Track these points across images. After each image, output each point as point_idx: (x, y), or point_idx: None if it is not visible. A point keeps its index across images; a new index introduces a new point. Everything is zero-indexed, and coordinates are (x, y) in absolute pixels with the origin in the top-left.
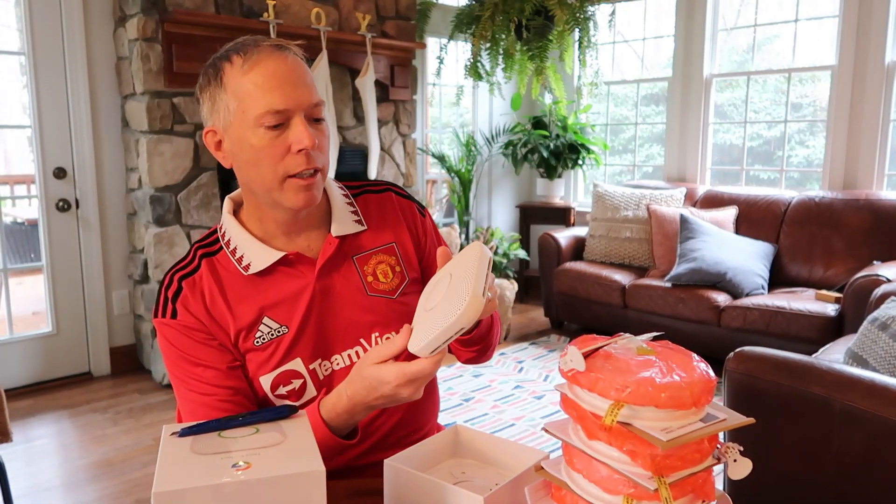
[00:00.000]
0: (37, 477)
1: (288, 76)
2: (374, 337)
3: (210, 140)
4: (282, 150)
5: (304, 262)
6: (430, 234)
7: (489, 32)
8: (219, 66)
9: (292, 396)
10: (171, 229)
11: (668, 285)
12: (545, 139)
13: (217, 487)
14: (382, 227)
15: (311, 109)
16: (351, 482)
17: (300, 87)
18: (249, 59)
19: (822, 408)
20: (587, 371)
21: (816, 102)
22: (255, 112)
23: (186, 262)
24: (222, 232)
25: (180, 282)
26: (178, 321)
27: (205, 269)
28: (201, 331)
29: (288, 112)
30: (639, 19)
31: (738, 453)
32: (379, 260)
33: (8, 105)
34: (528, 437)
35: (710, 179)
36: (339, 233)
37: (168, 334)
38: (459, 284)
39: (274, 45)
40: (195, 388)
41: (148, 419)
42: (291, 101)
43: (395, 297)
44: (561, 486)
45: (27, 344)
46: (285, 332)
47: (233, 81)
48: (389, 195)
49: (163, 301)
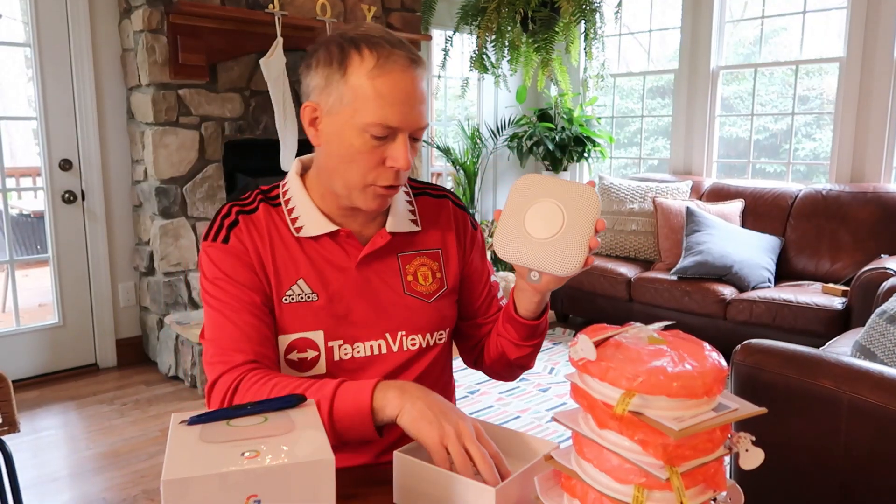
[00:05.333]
0: (44, 468)
1: (410, 96)
2: (400, 336)
3: (307, 114)
4: (377, 160)
5: (351, 243)
6: (478, 248)
7: (495, 24)
8: (347, 53)
9: (302, 365)
10: (177, 221)
11: (673, 278)
12: (550, 132)
13: (226, 476)
14: (433, 231)
15: (416, 131)
16: (360, 472)
17: (416, 108)
18: (383, 65)
19: (829, 401)
20: (598, 360)
21: (824, 95)
22: (368, 119)
23: (248, 202)
24: (285, 189)
25: (238, 215)
26: (230, 246)
27: (262, 213)
28: (250, 258)
29: (397, 130)
30: (645, 11)
31: (749, 443)
32: (422, 262)
33: (14, 97)
34: (534, 430)
35: (717, 172)
36: (394, 229)
37: (215, 256)
38: (573, 237)
39: (409, 57)
40: (231, 307)
41: (154, 410)
42: (404, 122)
43: (430, 302)
44: (571, 475)
45: (34, 335)
46: (315, 299)
47: (357, 78)
48: (447, 202)
49: (217, 227)
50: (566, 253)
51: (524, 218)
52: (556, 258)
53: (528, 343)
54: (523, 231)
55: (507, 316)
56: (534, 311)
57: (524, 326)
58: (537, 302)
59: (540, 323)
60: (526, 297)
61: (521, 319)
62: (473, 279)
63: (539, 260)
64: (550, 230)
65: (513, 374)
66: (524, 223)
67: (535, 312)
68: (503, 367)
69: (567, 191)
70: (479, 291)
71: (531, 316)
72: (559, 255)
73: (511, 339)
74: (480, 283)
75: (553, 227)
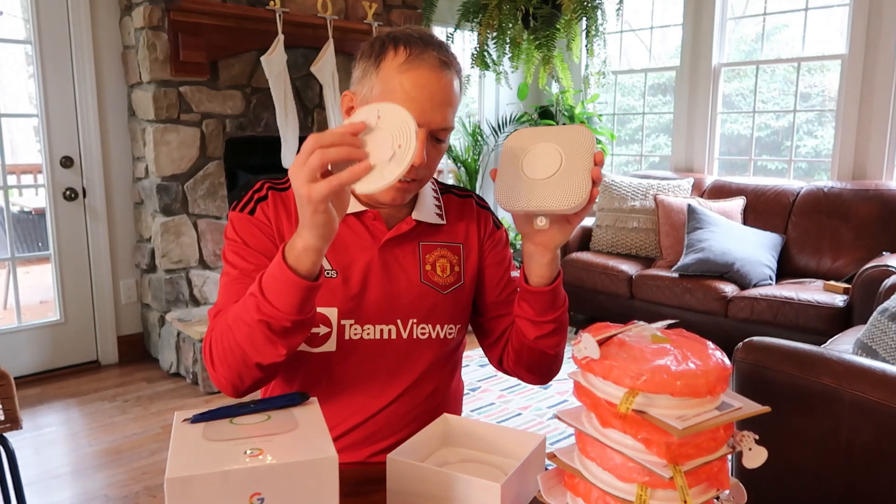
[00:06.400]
0: (46, 464)
1: (434, 95)
2: (411, 323)
3: (345, 102)
4: None
5: (377, 226)
6: (499, 247)
7: (496, 21)
8: (385, 48)
9: (314, 340)
10: (178, 218)
11: (675, 276)
12: None
13: (229, 474)
14: (457, 226)
15: (437, 131)
16: (358, 470)
17: (439, 108)
18: (412, 61)
19: (831, 398)
20: (601, 359)
21: (825, 92)
22: None
23: (282, 181)
24: None
25: (269, 191)
26: (254, 217)
27: (292, 192)
28: (271, 230)
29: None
30: (646, 8)
31: (753, 442)
32: (442, 254)
33: (15, 94)
34: (535, 427)
35: (718, 170)
36: (419, 218)
37: (239, 225)
38: (574, 171)
39: (440, 59)
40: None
41: (156, 407)
42: (423, 119)
43: (445, 293)
44: (574, 473)
45: (35, 332)
46: (333, 275)
47: (387, 71)
48: (471, 202)
49: (247, 199)
50: (570, 187)
51: (521, 165)
52: (562, 194)
53: (545, 318)
54: (523, 176)
55: (521, 291)
56: (547, 275)
57: (538, 296)
58: (548, 263)
59: (553, 289)
60: (535, 260)
61: (534, 289)
62: (492, 272)
63: (544, 200)
64: (551, 169)
65: (541, 366)
66: (522, 169)
67: (549, 277)
68: (528, 356)
69: (558, 132)
70: (497, 283)
71: (545, 282)
72: (564, 191)
73: (528, 317)
74: (498, 274)
75: (553, 167)
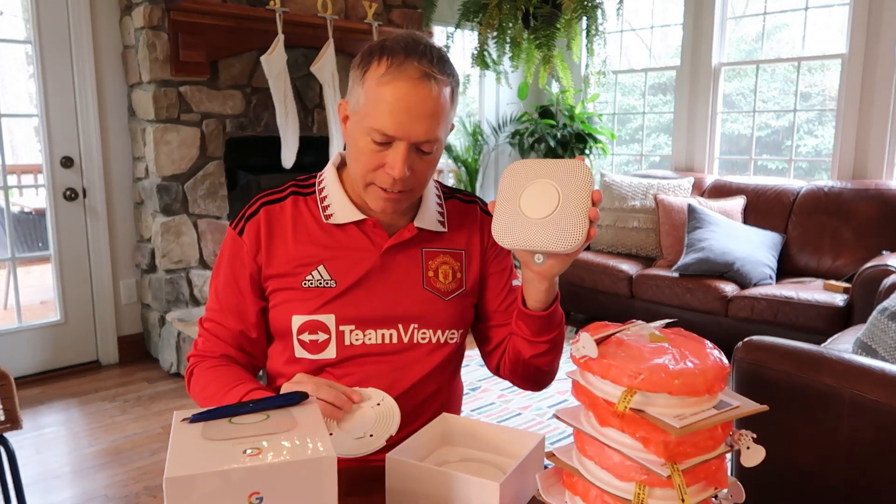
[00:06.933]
0: (46, 464)
1: (413, 108)
2: (412, 328)
3: (340, 111)
4: (377, 163)
5: (378, 233)
6: (502, 255)
7: (496, 21)
8: (371, 59)
9: (313, 347)
10: (179, 218)
11: (675, 275)
12: (552, 128)
13: (228, 473)
14: (460, 233)
15: (420, 143)
16: (357, 469)
17: (419, 121)
18: (392, 73)
19: (831, 397)
20: (600, 358)
21: (826, 92)
22: (370, 123)
23: (277, 192)
24: (321, 179)
25: (261, 206)
26: (242, 238)
27: (289, 203)
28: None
29: (395, 138)
30: (647, 8)
31: (751, 440)
32: (445, 261)
33: (15, 94)
34: (535, 426)
35: (718, 169)
36: (421, 225)
37: (227, 242)
38: (571, 212)
39: (423, 70)
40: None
41: (156, 407)
42: (401, 132)
43: (447, 300)
44: (573, 472)
45: (35, 332)
46: (332, 286)
47: (369, 83)
48: (475, 207)
49: (240, 216)
50: (567, 228)
51: (519, 202)
52: (558, 235)
53: (540, 339)
54: (520, 214)
55: (518, 312)
56: (544, 300)
57: (534, 320)
58: (546, 290)
59: (549, 314)
60: (533, 286)
61: (531, 312)
62: (494, 280)
63: (541, 240)
64: (548, 209)
65: (536, 378)
66: (520, 207)
67: (545, 302)
68: (523, 369)
69: (557, 168)
70: (498, 292)
71: (542, 307)
72: (560, 232)
73: (524, 336)
74: (500, 283)
75: (550, 206)
